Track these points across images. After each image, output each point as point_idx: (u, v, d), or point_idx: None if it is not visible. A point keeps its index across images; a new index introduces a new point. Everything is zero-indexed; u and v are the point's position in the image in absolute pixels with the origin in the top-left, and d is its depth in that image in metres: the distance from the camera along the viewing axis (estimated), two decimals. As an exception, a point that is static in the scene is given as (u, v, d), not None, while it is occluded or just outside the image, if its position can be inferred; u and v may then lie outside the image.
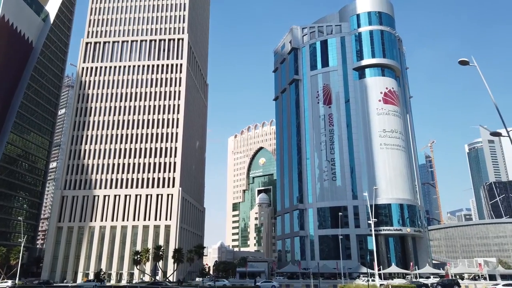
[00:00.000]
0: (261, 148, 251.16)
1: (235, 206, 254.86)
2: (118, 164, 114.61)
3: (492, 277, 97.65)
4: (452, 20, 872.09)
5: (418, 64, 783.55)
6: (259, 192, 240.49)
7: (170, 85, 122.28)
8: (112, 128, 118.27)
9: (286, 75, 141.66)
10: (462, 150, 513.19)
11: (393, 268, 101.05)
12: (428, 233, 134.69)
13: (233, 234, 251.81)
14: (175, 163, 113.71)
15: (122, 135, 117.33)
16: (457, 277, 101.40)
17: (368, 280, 72.49)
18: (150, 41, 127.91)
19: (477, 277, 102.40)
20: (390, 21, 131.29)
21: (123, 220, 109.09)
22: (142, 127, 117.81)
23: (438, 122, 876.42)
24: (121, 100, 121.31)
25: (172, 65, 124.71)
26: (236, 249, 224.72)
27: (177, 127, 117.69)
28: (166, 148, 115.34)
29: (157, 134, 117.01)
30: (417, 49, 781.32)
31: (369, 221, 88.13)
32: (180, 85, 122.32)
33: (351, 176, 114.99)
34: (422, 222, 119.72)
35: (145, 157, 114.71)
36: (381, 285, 67.49)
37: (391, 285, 65.54)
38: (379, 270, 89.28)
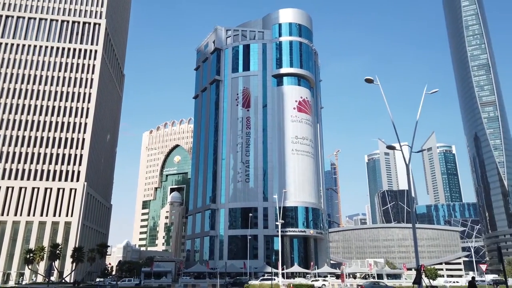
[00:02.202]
0: (177, 145, 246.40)
1: (146, 204, 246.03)
2: (14, 153, 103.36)
3: (380, 276, 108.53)
4: (364, 38, 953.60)
5: (330, 78, 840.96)
6: (172, 190, 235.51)
7: (82, 72, 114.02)
8: (10, 113, 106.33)
9: (208, 74, 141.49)
10: (363, 160, 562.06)
11: (296, 268, 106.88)
12: (328, 235, 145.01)
13: (141, 233, 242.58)
14: (81, 155, 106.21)
15: (21, 120, 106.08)
16: (351, 276, 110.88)
17: (272, 279, 75.62)
18: (62, 21, 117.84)
19: (367, 276, 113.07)
20: (308, 34, 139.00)
21: (15, 215, 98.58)
22: (46, 114, 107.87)
23: (344, 132, 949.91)
24: (22, 83, 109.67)
25: (85, 50, 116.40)
26: (143, 248, 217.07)
27: (86, 117, 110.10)
28: (72, 139, 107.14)
29: (63, 122, 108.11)
30: (330, 64, 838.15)
31: (276, 223, 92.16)
32: (93, 73, 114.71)
33: (263, 179, 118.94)
34: (324, 224, 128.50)
35: (47, 147, 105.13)
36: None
37: (292, 284, 69.26)
38: (282, 269, 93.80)
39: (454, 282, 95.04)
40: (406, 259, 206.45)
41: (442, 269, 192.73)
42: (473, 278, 36.14)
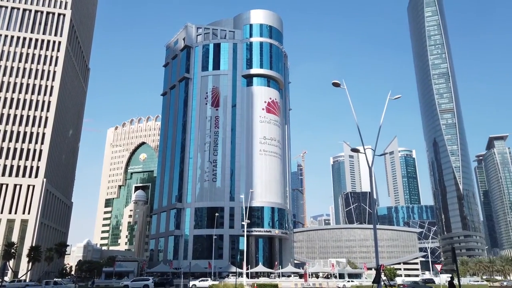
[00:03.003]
0: (143, 143, 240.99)
1: (109, 202, 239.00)
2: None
3: (341, 276, 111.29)
4: (332, 42, 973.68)
5: (299, 80, 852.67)
6: (137, 188, 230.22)
7: (44, 63, 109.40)
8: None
9: (177, 71, 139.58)
10: (328, 162, 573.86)
11: (260, 268, 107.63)
12: (293, 235, 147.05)
13: (103, 231, 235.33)
14: (41, 150, 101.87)
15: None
16: (313, 275, 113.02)
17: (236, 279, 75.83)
18: (24, 10, 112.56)
19: (329, 276, 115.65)
20: (279, 36, 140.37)
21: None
22: (4, 107, 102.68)
23: (311, 134, 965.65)
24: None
25: (48, 41, 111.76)
26: (105, 248, 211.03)
27: (47, 110, 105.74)
28: (32, 133, 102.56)
29: (22, 116, 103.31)
30: (299, 66, 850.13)
31: (242, 222, 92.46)
32: (56, 65, 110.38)
33: (230, 179, 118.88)
34: (289, 225, 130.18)
35: (3, 140, 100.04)
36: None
37: (256, 284, 69.79)
38: (247, 269, 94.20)
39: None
40: (367, 259, 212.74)
41: (400, 269, 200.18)
42: (451, 278, 37.98)
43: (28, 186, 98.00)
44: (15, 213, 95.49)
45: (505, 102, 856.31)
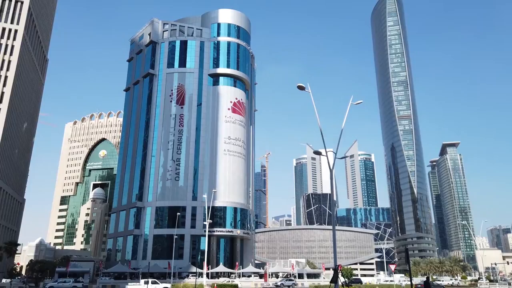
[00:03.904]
0: (103, 139, 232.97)
1: (64, 200, 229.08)
2: None
3: (300, 276, 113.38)
4: (299, 46, 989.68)
5: (265, 81, 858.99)
6: (95, 186, 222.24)
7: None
8: None
9: (142, 67, 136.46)
10: (291, 163, 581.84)
11: (221, 268, 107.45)
12: (255, 236, 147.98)
13: (57, 230, 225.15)
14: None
15: None
16: (273, 275, 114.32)
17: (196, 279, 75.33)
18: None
19: (288, 276, 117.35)
20: (246, 37, 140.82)
21: None
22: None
23: (275, 136, 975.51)
24: None
25: (4, 29, 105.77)
26: (59, 247, 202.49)
27: (0, 102, 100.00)
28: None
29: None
30: (266, 68, 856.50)
31: (204, 222, 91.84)
32: (11, 54, 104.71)
33: (194, 178, 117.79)
34: (251, 225, 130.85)
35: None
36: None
37: (216, 284, 69.74)
38: (207, 269, 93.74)
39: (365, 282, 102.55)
40: (326, 259, 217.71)
41: (357, 269, 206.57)
42: (427, 278, 39.63)
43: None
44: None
45: (458, 110, 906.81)
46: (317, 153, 40.75)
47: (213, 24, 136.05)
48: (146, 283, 66.74)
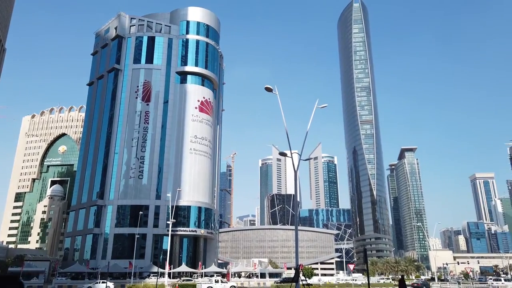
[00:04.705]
0: (63, 134, 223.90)
1: (19, 197, 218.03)
2: None
3: (262, 275, 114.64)
4: (268, 48, 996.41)
5: (233, 81, 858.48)
6: (53, 183, 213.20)
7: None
8: None
9: (106, 61, 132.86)
10: (257, 164, 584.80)
11: (183, 268, 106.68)
12: (218, 235, 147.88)
13: (11, 228, 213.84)
14: None
15: None
16: (236, 275, 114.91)
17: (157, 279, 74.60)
18: None
19: (251, 275, 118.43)
20: (215, 36, 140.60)
21: None
22: None
23: (242, 136, 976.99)
24: None
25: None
26: (12, 246, 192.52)
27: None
28: None
29: None
30: (234, 68, 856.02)
31: (168, 222, 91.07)
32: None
33: (158, 176, 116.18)
34: (215, 224, 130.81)
35: None
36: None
37: (177, 284, 69.43)
38: (170, 269, 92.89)
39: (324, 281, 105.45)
40: (288, 259, 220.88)
41: (317, 268, 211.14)
42: (402, 276, 41.40)
43: None
44: None
45: (416, 116, 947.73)
46: (283, 154, 41.79)
47: (182, 22, 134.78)
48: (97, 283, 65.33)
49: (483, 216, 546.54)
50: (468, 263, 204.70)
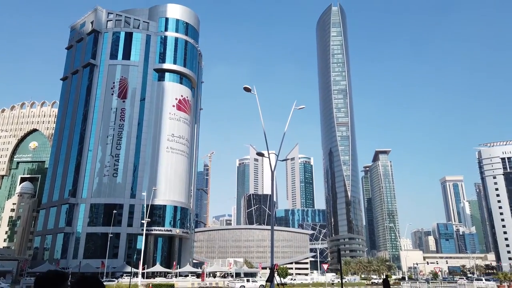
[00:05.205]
0: (35, 130, 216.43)
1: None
2: None
3: (238, 275, 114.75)
4: (247, 48, 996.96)
5: (212, 81, 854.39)
6: (23, 180, 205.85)
7: None
8: None
9: (82, 56, 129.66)
10: (234, 164, 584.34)
11: (157, 267, 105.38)
12: (194, 235, 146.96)
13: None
14: None
15: None
16: (211, 275, 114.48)
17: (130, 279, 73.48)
18: None
19: (226, 275, 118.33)
20: (195, 35, 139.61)
21: None
22: None
23: (220, 135, 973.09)
24: None
25: None
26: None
27: None
28: None
29: None
30: (214, 67, 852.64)
31: (142, 221, 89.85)
32: None
33: (133, 175, 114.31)
34: (191, 224, 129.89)
35: None
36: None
37: (151, 284, 68.65)
38: (143, 269, 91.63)
39: (297, 280, 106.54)
40: (263, 258, 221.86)
41: (292, 268, 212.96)
42: (386, 276, 42.05)
43: None
44: None
45: (390, 120, 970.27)
46: (260, 154, 42.07)
47: (161, 18, 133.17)
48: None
49: (452, 218, 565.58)
50: (437, 263, 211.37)
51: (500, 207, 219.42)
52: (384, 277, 43.95)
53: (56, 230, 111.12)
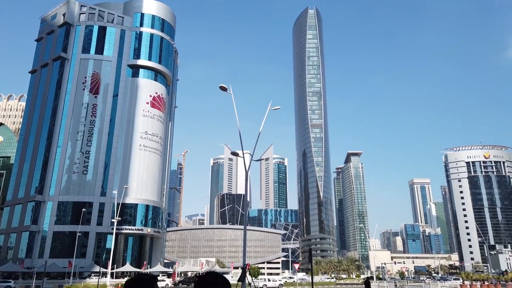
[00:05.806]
0: (0, 124, 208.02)
1: None
2: None
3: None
4: (224, 49, 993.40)
5: (188, 79, 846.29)
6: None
7: None
8: None
9: (52, 49, 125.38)
10: (208, 163, 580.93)
11: (127, 267, 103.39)
12: (166, 234, 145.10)
13: None
14: None
15: None
16: (182, 275, 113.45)
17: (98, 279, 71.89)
18: None
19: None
20: (171, 32, 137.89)
21: None
22: None
23: (194, 134, 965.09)
24: None
25: None
26: None
27: None
28: None
29: None
30: (189, 65, 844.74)
31: (112, 220, 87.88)
32: None
33: (104, 172, 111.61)
34: (163, 223, 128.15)
35: None
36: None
37: (120, 284, 67.39)
38: (113, 269, 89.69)
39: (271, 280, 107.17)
40: (235, 258, 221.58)
41: (264, 268, 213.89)
42: (367, 278, 42.51)
43: None
44: None
45: (362, 122, 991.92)
46: (235, 154, 42.13)
47: (136, 13, 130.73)
48: None
49: (419, 219, 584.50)
50: (404, 263, 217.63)
51: (464, 209, 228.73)
52: (366, 278, 45.07)
53: (21, 229, 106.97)
